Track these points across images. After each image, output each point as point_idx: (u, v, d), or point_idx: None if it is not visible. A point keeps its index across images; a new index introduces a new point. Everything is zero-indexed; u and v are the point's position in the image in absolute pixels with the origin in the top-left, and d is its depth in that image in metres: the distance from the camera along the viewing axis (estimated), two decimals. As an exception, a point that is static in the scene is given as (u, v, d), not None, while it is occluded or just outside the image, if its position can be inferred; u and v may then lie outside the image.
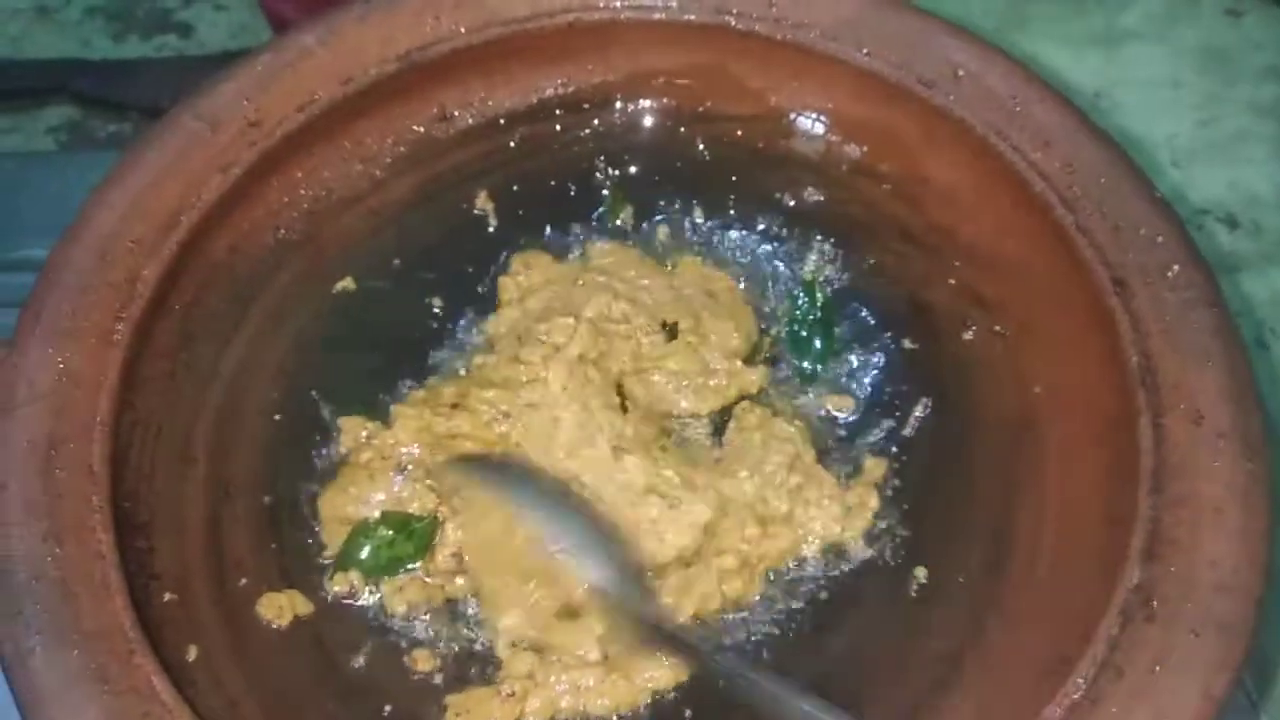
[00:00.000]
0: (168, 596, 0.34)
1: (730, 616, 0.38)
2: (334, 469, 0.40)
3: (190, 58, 0.65)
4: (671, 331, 0.42)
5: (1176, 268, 0.36)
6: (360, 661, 0.36)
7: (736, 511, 0.39)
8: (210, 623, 0.35)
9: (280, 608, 0.36)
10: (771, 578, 0.39)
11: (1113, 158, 0.39)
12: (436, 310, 0.44)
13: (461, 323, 0.44)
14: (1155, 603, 0.31)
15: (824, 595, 0.39)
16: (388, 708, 0.35)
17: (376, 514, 0.38)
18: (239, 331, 0.40)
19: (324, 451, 0.40)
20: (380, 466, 0.39)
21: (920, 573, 0.38)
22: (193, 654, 0.33)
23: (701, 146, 0.46)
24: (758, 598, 0.38)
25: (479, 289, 0.44)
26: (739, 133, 0.45)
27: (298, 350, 0.42)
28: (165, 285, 0.37)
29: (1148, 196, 0.38)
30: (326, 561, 0.38)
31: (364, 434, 0.40)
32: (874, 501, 0.39)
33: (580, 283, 0.43)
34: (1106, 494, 0.35)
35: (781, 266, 0.45)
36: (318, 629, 0.37)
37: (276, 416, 0.40)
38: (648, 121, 0.46)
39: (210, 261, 0.39)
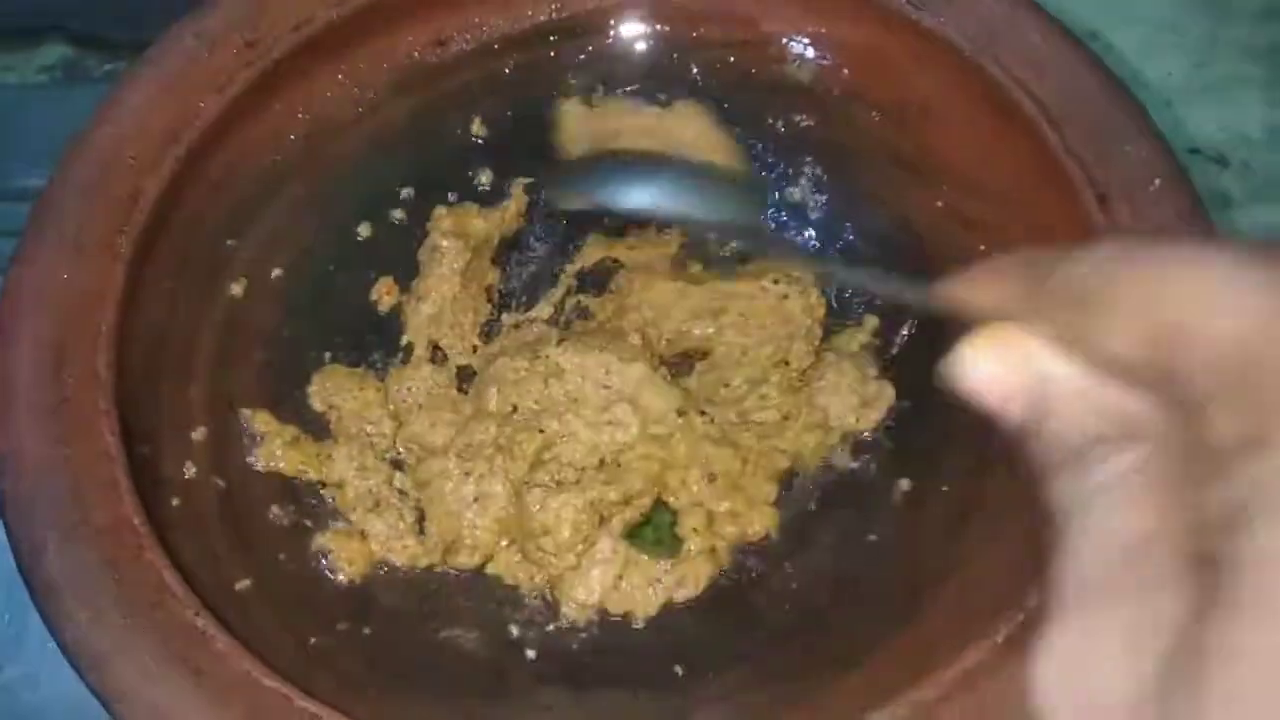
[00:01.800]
0: (175, 502, 0.35)
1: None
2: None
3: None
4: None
5: (1158, 181, 0.37)
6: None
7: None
8: (216, 527, 0.36)
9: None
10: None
11: (1098, 76, 0.40)
12: (433, 235, 0.45)
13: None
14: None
15: (811, 505, 0.40)
16: (386, 606, 0.37)
17: None
18: (238, 253, 0.41)
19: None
20: None
21: (904, 483, 0.39)
22: (199, 554, 0.34)
23: (695, 72, 0.46)
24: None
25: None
26: (731, 59, 0.46)
27: (296, 274, 0.42)
28: (165, 202, 0.37)
29: (1131, 113, 0.39)
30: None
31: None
32: (890, 391, 0.40)
33: None
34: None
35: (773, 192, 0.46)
36: (323, 536, 0.38)
37: (278, 336, 0.41)
38: (641, 48, 0.46)
39: (209, 180, 0.40)
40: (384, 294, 0.44)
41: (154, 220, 0.37)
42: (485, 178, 0.46)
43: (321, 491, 0.39)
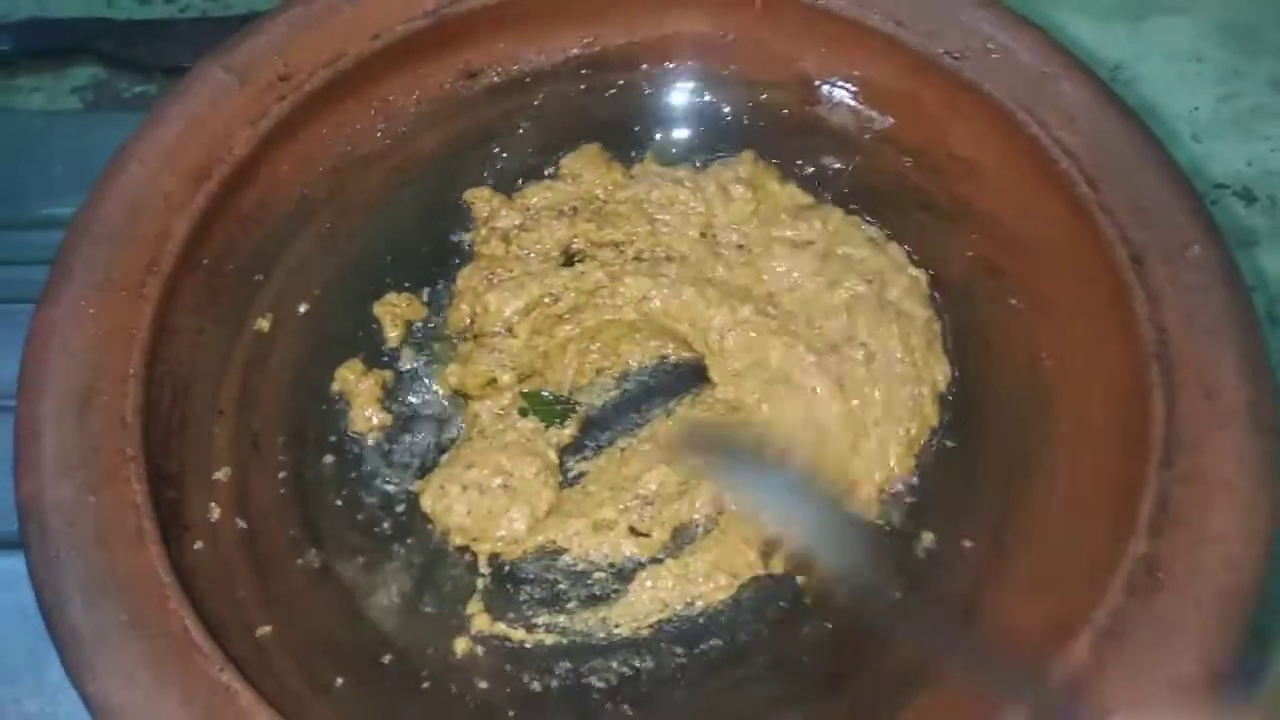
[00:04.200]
0: (199, 545, 0.35)
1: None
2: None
3: (216, 19, 0.64)
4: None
5: (1196, 248, 0.37)
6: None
7: None
8: (240, 570, 0.36)
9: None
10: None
11: (1138, 136, 0.39)
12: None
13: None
14: (1160, 574, 0.32)
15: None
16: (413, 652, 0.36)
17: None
18: (265, 287, 0.41)
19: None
20: None
21: (927, 537, 0.39)
22: (222, 600, 0.34)
23: (726, 110, 0.46)
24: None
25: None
26: (764, 97, 0.45)
27: (324, 307, 0.42)
28: (194, 239, 0.37)
29: (1171, 175, 0.38)
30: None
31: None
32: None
33: None
34: (1116, 467, 0.36)
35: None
36: (344, 578, 0.38)
37: (304, 372, 0.41)
38: (673, 84, 0.46)
39: (238, 216, 0.39)
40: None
41: (183, 259, 0.37)
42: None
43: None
